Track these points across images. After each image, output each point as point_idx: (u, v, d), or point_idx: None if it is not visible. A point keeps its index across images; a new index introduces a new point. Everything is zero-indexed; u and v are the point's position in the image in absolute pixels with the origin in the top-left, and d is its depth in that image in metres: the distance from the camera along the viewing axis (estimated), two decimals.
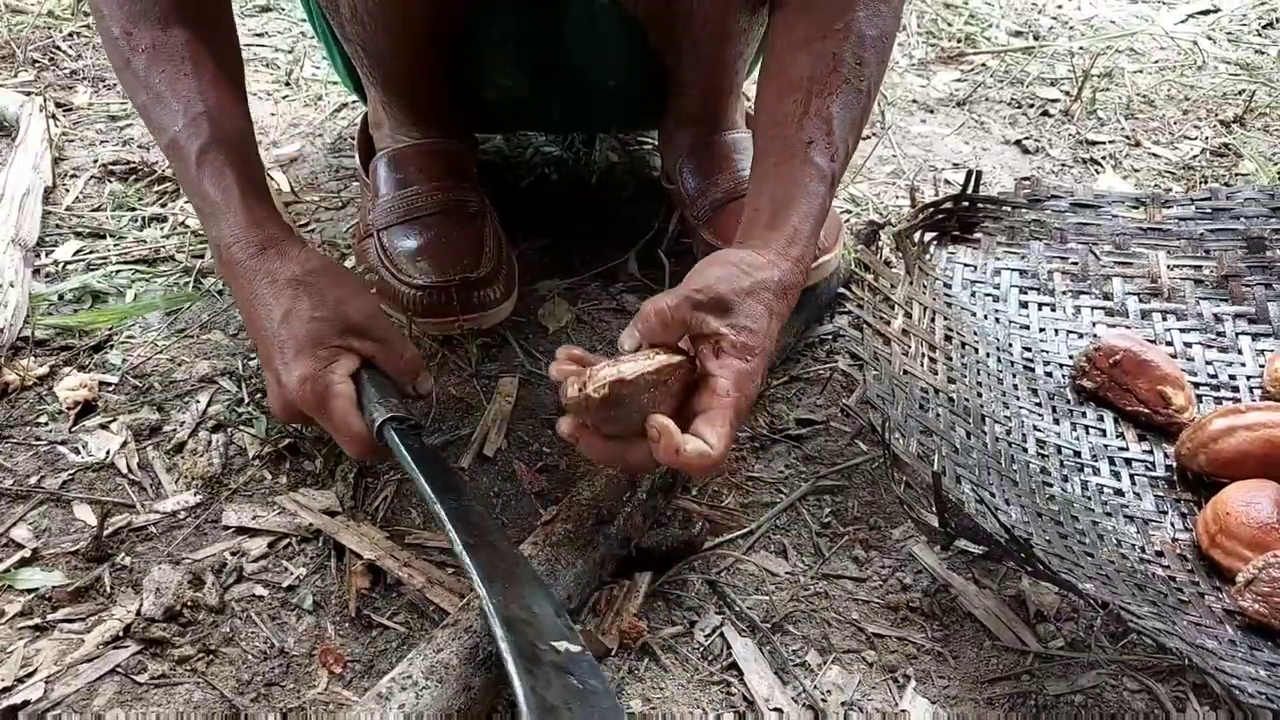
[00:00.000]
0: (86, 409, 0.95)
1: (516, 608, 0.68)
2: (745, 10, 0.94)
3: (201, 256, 1.14)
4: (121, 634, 0.75)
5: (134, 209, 1.21)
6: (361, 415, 0.81)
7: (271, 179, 1.20)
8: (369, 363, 0.84)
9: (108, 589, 0.79)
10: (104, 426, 0.94)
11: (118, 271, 1.12)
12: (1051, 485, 0.91)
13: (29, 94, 1.37)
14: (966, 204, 1.15)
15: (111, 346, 1.02)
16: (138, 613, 0.76)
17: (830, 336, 1.07)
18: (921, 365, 0.99)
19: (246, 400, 0.96)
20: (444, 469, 0.83)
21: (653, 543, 0.82)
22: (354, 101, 1.39)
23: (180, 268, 1.13)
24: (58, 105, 1.38)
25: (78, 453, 0.91)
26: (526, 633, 0.66)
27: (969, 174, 1.14)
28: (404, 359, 0.86)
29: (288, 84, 1.46)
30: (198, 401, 0.97)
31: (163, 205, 1.22)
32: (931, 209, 1.13)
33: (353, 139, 1.27)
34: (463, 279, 1.00)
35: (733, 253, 0.81)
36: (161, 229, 1.18)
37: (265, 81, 1.47)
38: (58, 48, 1.50)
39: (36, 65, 1.46)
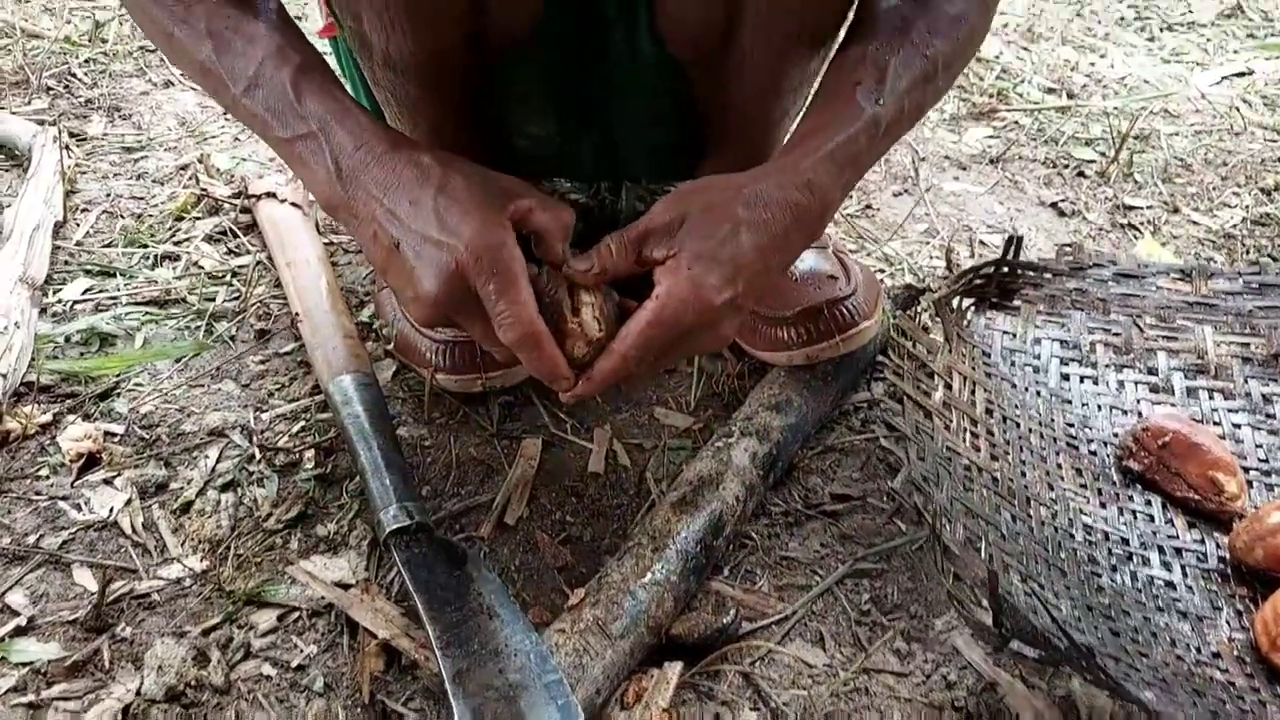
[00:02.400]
0: (90, 462, 0.91)
1: None
2: (800, 67, 0.91)
3: (213, 299, 1.10)
4: (120, 716, 0.70)
5: (146, 246, 1.17)
6: (529, 292, 0.71)
7: (305, 212, 1.16)
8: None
9: (106, 663, 0.74)
10: (108, 482, 0.89)
11: (127, 313, 1.08)
12: (1100, 575, 0.87)
13: (43, 123, 1.34)
14: (1007, 270, 1.12)
15: (118, 394, 0.98)
16: (138, 692, 0.72)
17: (866, 404, 1.03)
18: (964, 441, 0.95)
19: (258, 457, 0.92)
20: (450, 574, 0.79)
21: (684, 629, 0.78)
22: None
23: (192, 310, 1.09)
24: (71, 135, 1.34)
25: (79, 510, 0.87)
26: None
27: (1010, 240, 1.10)
28: (563, 218, 0.76)
29: None
30: (207, 457, 0.93)
31: (176, 243, 1.18)
32: (971, 274, 1.09)
33: None
34: None
35: (705, 180, 0.78)
36: (174, 268, 1.14)
37: None
38: (73, 75, 1.47)
39: (51, 92, 1.43)
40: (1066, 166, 1.42)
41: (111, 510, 0.86)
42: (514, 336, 0.71)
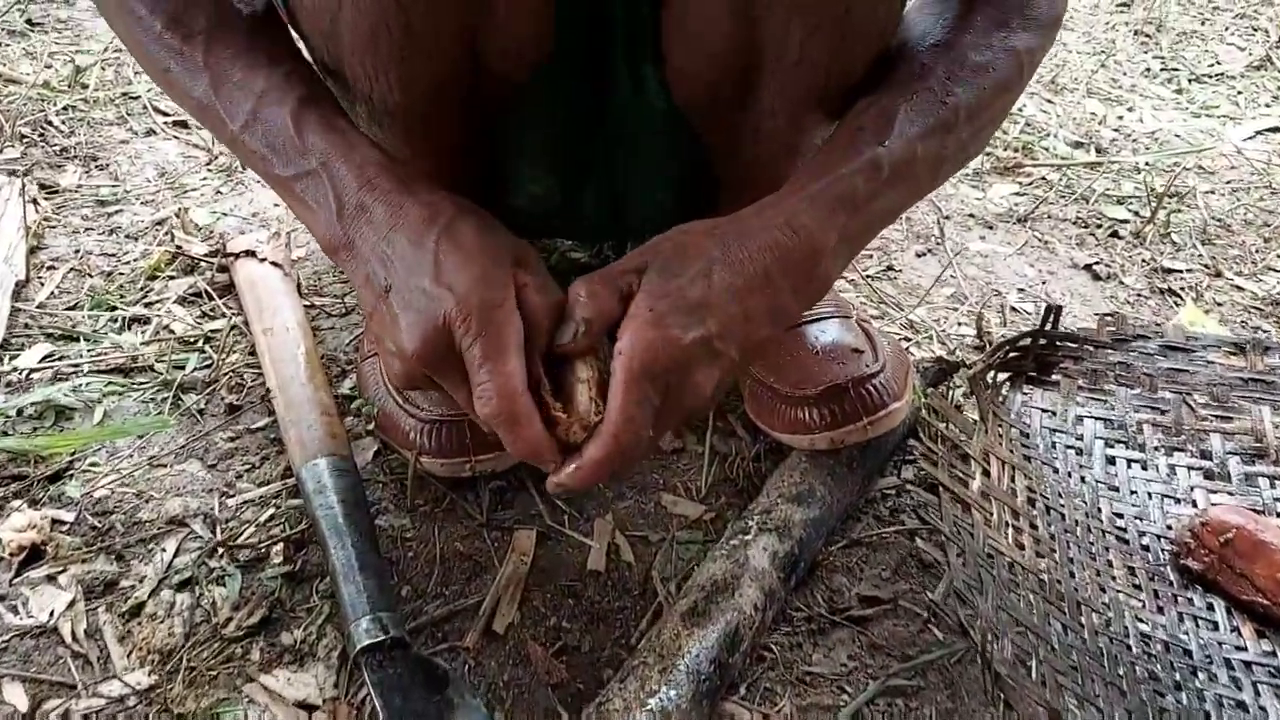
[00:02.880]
0: (33, 555, 0.82)
1: None
2: (822, 127, 0.83)
3: (183, 367, 1.01)
4: None
5: (114, 308, 1.08)
6: (519, 359, 0.62)
7: (286, 272, 1.07)
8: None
9: None
10: (51, 579, 0.80)
11: (88, 383, 0.99)
12: (1164, 695, 0.77)
13: (13, 173, 1.26)
14: (1044, 342, 1.03)
15: (71, 475, 0.89)
16: None
17: (894, 491, 0.94)
18: (1006, 538, 0.85)
19: (221, 551, 0.83)
20: (429, 700, 0.70)
21: None
22: None
23: (159, 381, 1.00)
24: (42, 187, 1.26)
25: (16, 612, 0.77)
26: None
27: (1048, 309, 1.01)
28: (552, 301, 0.66)
29: None
30: (163, 550, 0.83)
31: (147, 305, 1.09)
32: (1007, 347, 1.01)
33: None
34: None
35: (692, 222, 0.69)
36: (143, 333, 1.06)
37: None
38: (49, 123, 1.39)
39: (25, 140, 1.35)
40: (1099, 226, 1.33)
41: (52, 614, 0.77)
42: (490, 411, 0.62)
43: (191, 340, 1.05)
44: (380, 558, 0.79)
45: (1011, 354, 1.02)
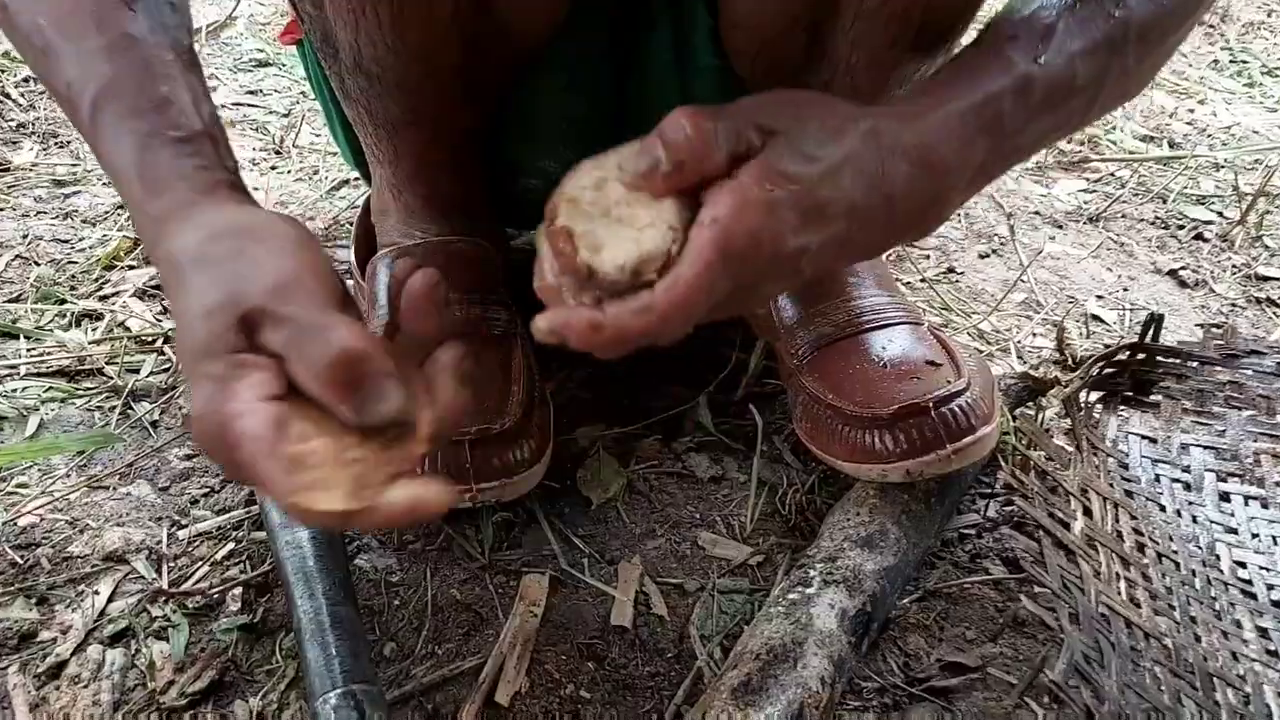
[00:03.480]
0: None
1: None
2: (904, 80, 0.68)
3: (137, 371, 0.87)
4: None
5: (63, 301, 0.94)
6: (279, 460, 0.46)
7: None
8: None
9: None
10: None
11: (25, 388, 0.84)
12: None
13: None
14: (1144, 357, 0.88)
15: None
16: None
17: (973, 531, 0.79)
18: (1119, 592, 0.70)
19: (166, 597, 0.68)
20: None
21: None
22: (357, 179, 1.13)
23: (108, 386, 0.85)
24: None
25: None
26: None
27: (1149, 319, 0.87)
28: (326, 352, 0.47)
29: (278, 152, 1.20)
30: (96, 593, 0.69)
31: (101, 298, 0.95)
32: (1102, 362, 0.86)
33: (350, 226, 1.01)
34: (481, 432, 0.71)
35: (816, 93, 0.54)
36: (93, 330, 0.91)
37: (252, 148, 1.21)
38: (7, 95, 1.25)
39: None
40: (1181, 227, 1.19)
41: None
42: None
43: (149, 340, 0.90)
44: (356, 611, 0.64)
45: (1106, 370, 0.87)
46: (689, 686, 0.66)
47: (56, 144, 1.17)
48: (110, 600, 0.68)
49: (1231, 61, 1.63)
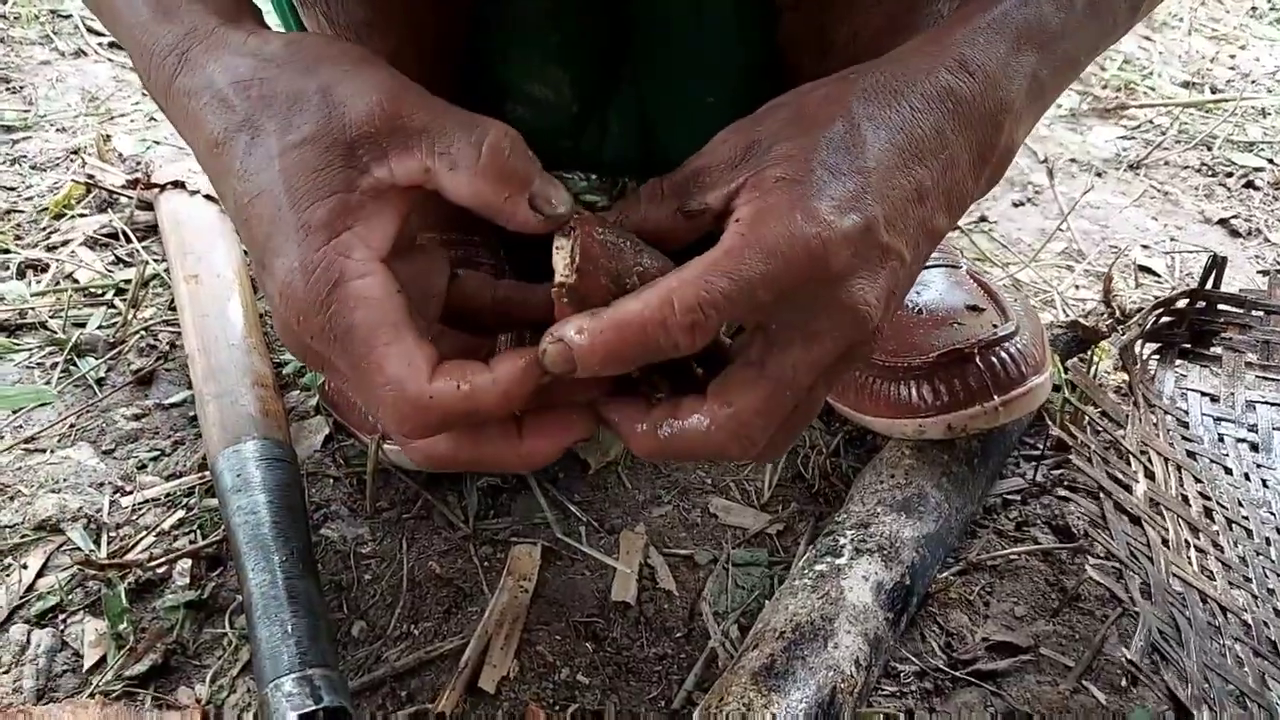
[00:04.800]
0: None
1: None
2: None
3: (83, 325, 0.78)
4: None
5: (7, 251, 0.85)
6: (418, 343, 0.39)
7: (221, 208, 0.84)
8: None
9: None
10: None
11: None
12: None
13: None
14: (1204, 305, 0.79)
15: None
16: None
17: (1018, 496, 0.70)
18: (1190, 563, 0.62)
19: (103, 563, 0.59)
20: None
21: None
22: None
23: (49, 340, 0.76)
24: None
25: None
26: None
27: (1211, 262, 0.78)
28: (496, 140, 0.40)
29: None
30: (24, 566, 0.60)
31: (49, 248, 0.86)
32: (1160, 311, 0.77)
33: None
34: None
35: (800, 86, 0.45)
36: (37, 281, 0.82)
37: None
38: None
39: None
40: (1229, 175, 1.10)
41: None
42: (398, 429, 0.40)
43: (98, 291, 0.82)
44: (318, 586, 0.56)
45: (1163, 320, 0.78)
46: (701, 670, 0.57)
47: (9, 89, 1.08)
48: (40, 575, 0.60)
49: (1271, 9, 1.53)
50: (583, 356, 0.38)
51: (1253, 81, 1.29)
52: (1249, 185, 1.08)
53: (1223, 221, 1.02)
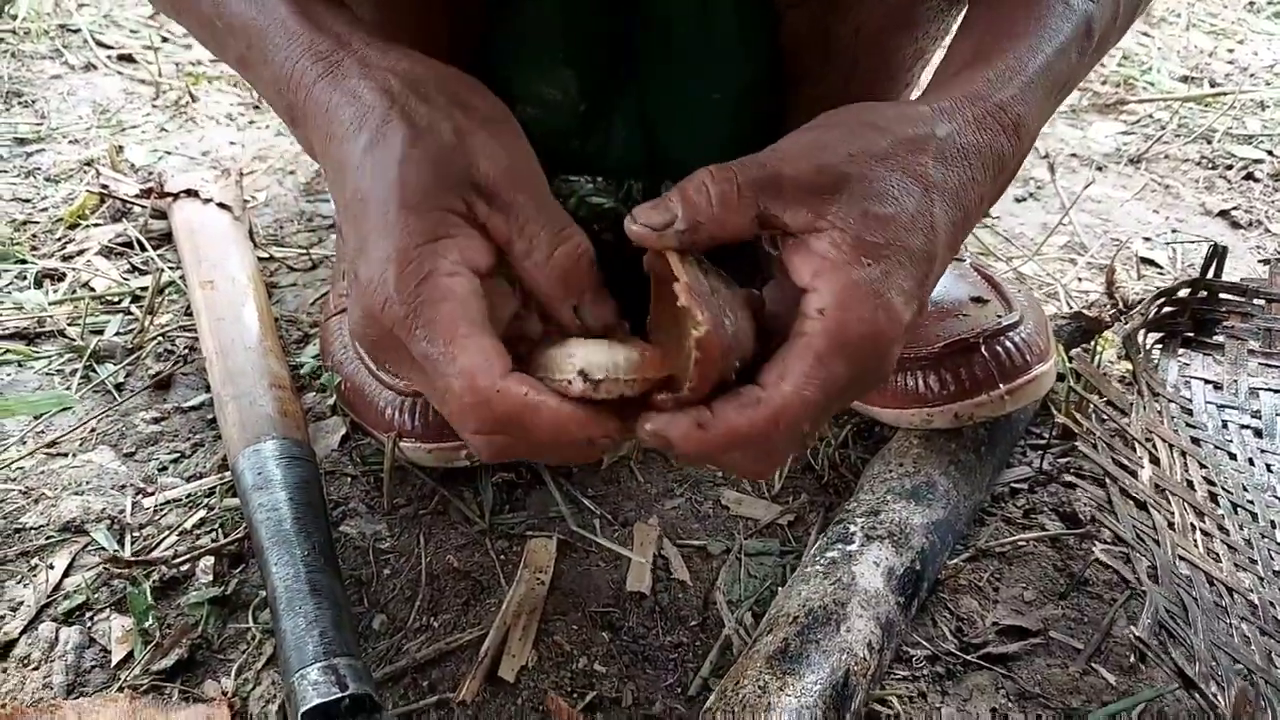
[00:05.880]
0: None
1: None
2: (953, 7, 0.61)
3: (101, 332, 0.79)
4: None
5: (24, 261, 0.86)
6: (492, 341, 0.42)
7: (236, 215, 0.85)
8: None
9: None
10: None
11: None
12: None
13: None
14: (1206, 294, 0.80)
15: None
16: None
17: (1025, 485, 0.71)
18: (1197, 546, 0.63)
19: (128, 561, 0.61)
20: None
21: None
22: None
23: (68, 347, 0.78)
24: None
25: None
26: None
27: (1212, 251, 0.79)
28: (569, 249, 0.45)
29: (255, 107, 1.13)
30: (51, 567, 0.61)
31: (64, 258, 0.87)
32: (1163, 300, 0.78)
33: None
34: None
35: (865, 108, 0.47)
36: (54, 290, 0.84)
37: (229, 104, 1.13)
38: None
39: None
40: (1229, 168, 1.11)
41: None
42: (462, 417, 0.42)
43: (114, 300, 0.83)
44: (339, 580, 0.57)
45: (1165, 309, 0.79)
46: (716, 657, 0.58)
47: (20, 103, 1.10)
48: (66, 574, 0.61)
49: (1269, 3, 1.54)
50: (682, 451, 0.41)
51: (1251, 75, 1.30)
52: (1249, 177, 1.09)
53: (1223, 213, 1.03)
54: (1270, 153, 1.13)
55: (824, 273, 0.41)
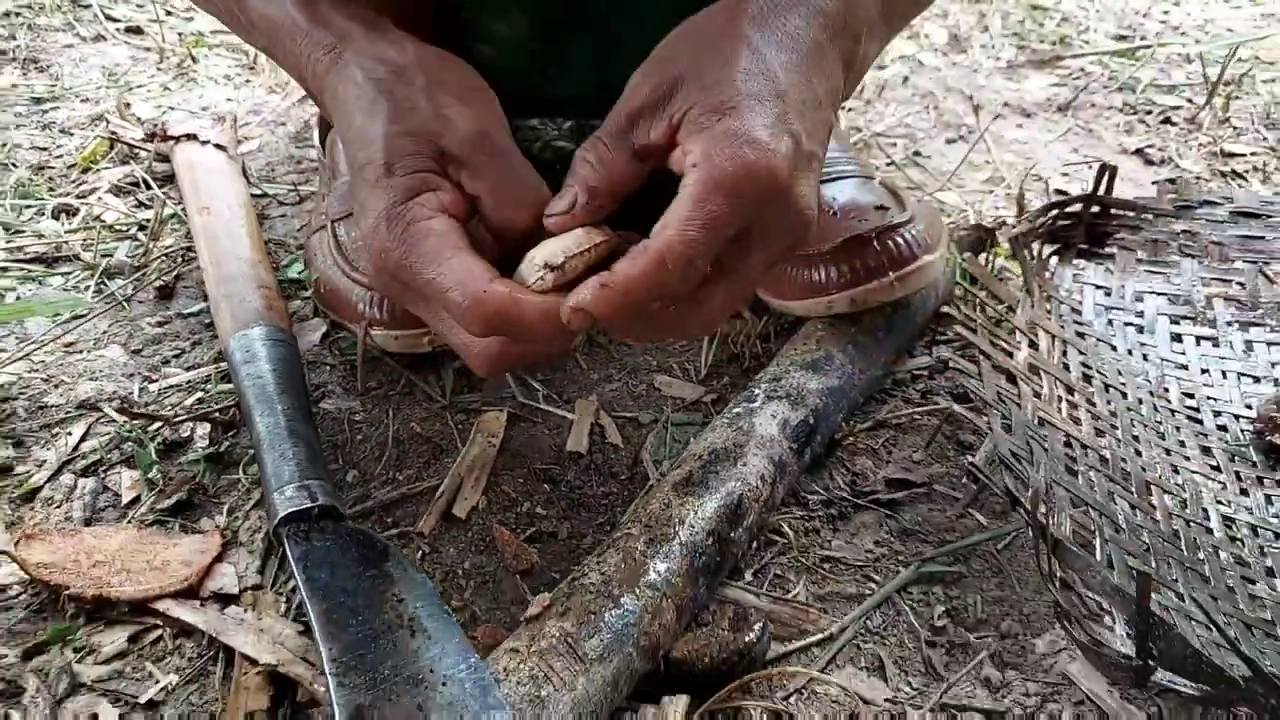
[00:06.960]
0: None
1: None
2: None
3: (111, 254, 0.89)
4: None
5: (41, 199, 0.96)
6: (476, 258, 0.50)
7: (229, 155, 0.95)
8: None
9: None
10: None
11: (4, 268, 0.87)
12: (1254, 582, 0.64)
13: None
14: (1096, 209, 0.89)
15: None
16: None
17: (926, 371, 0.81)
18: (1059, 412, 0.72)
19: (135, 433, 0.70)
20: (362, 574, 0.56)
21: (690, 651, 0.55)
22: None
23: (83, 267, 0.88)
24: None
25: None
26: None
27: (1102, 169, 0.88)
28: (516, 206, 0.53)
29: (251, 68, 1.23)
30: (69, 434, 0.71)
31: (78, 196, 0.97)
32: (1055, 212, 0.87)
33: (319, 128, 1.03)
34: None
35: (693, 17, 0.55)
36: (69, 222, 0.94)
37: (227, 66, 1.23)
38: None
39: None
40: (1149, 113, 1.20)
41: None
42: (467, 317, 0.49)
43: (123, 228, 0.93)
44: (315, 433, 0.67)
45: (1060, 222, 0.88)
46: (640, 502, 0.68)
47: (37, 69, 1.20)
48: (82, 440, 0.71)
49: None
50: (602, 317, 0.48)
51: (1182, 33, 1.39)
52: (1166, 121, 1.18)
53: (1138, 151, 1.12)
54: (1189, 100, 1.22)
55: (688, 142, 0.50)
